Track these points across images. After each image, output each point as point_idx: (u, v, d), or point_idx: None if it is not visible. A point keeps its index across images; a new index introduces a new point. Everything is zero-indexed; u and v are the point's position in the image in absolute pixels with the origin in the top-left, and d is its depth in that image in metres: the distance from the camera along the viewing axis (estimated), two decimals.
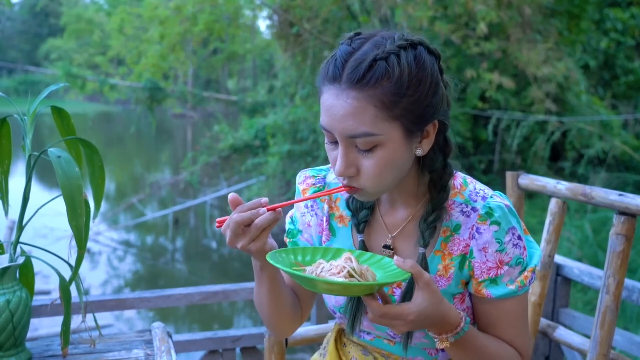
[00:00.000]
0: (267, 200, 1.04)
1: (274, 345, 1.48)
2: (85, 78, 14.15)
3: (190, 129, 22.91)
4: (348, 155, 1.03)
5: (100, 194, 1.33)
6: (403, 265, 0.99)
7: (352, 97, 0.99)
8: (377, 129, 1.00)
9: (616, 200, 1.46)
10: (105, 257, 8.82)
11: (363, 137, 1.00)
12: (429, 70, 1.03)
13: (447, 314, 1.04)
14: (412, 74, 1.00)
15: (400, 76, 0.99)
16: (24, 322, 1.29)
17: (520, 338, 1.16)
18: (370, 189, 1.06)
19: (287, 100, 9.68)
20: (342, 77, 1.00)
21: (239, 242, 1.03)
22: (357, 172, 1.04)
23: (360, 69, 0.99)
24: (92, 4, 32.35)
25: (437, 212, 1.12)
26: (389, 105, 0.99)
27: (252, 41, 16.82)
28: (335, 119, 1.01)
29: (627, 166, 8.77)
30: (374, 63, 0.99)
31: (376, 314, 0.99)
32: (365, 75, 0.98)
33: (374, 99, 0.99)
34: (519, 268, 1.13)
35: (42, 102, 1.33)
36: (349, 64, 1.00)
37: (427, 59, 1.03)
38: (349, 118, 1.00)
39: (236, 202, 1.04)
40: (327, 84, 1.03)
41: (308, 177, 1.28)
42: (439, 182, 1.12)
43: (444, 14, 8.04)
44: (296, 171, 8.54)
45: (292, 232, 1.30)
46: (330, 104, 1.02)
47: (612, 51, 10.13)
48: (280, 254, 1.05)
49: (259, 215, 1.02)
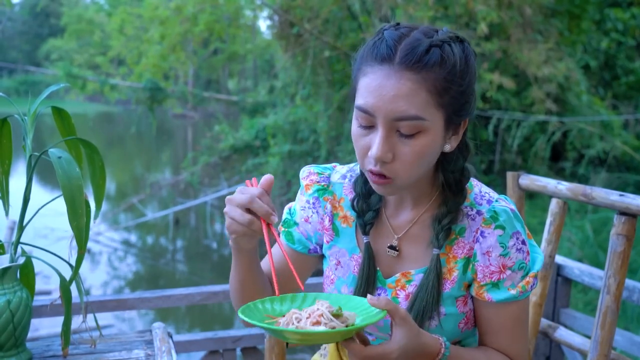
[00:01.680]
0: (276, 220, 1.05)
1: (274, 345, 1.48)
2: (86, 78, 14.16)
3: (191, 129, 22.91)
4: (388, 139, 1.01)
5: (101, 194, 1.33)
6: (377, 303, 0.97)
7: (406, 78, 0.98)
8: (426, 113, 0.99)
9: (617, 200, 1.46)
10: (106, 257, 8.82)
11: (412, 119, 0.99)
12: (472, 66, 1.05)
13: (426, 343, 1.03)
14: (462, 65, 1.02)
15: (453, 65, 1.00)
16: (25, 322, 1.29)
17: (516, 344, 1.16)
18: (402, 178, 1.04)
19: (288, 101, 9.68)
20: (394, 57, 0.99)
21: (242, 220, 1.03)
22: (392, 158, 1.02)
23: (416, 51, 0.98)
24: (93, 4, 32.36)
25: (453, 214, 1.11)
26: (440, 92, 0.99)
27: (253, 41, 16.84)
28: (384, 100, 0.99)
29: (628, 166, 8.77)
30: (429, 48, 0.99)
31: (358, 357, 0.97)
32: (421, 58, 0.98)
33: (427, 83, 0.98)
34: (521, 273, 1.12)
35: (42, 102, 1.33)
36: (403, 46, 0.99)
37: (472, 55, 1.06)
38: (401, 99, 0.98)
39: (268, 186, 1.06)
40: (373, 64, 1.01)
41: (312, 173, 1.26)
42: (454, 185, 1.11)
43: (444, 14, 8.04)
44: (296, 171, 8.53)
45: (288, 222, 1.28)
46: (379, 83, 1.00)
47: (612, 51, 10.13)
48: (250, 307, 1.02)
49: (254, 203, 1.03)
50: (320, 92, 8.42)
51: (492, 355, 1.14)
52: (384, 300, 0.97)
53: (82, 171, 1.24)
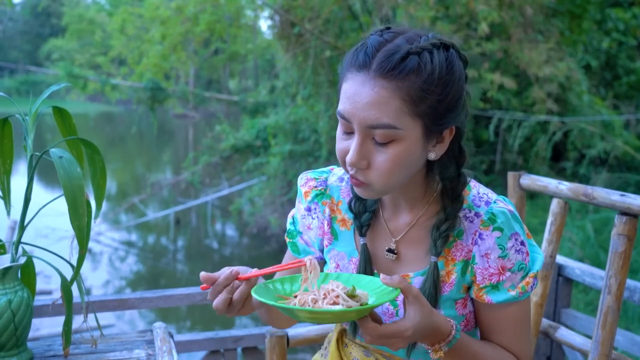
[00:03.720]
0: (238, 270, 1.04)
1: (275, 345, 1.48)
2: (87, 78, 14.16)
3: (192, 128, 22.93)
4: (363, 146, 1.02)
5: (102, 193, 1.33)
6: (390, 282, 0.98)
7: (379, 86, 0.98)
8: (399, 122, 0.99)
9: (618, 200, 1.45)
10: (107, 257, 8.82)
11: (384, 128, 0.99)
12: (457, 73, 1.02)
13: (438, 323, 1.03)
14: (442, 73, 0.99)
15: (430, 73, 0.98)
16: (26, 321, 1.29)
17: (520, 344, 1.15)
18: (377, 185, 1.04)
19: (289, 100, 9.68)
20: (371, 64, 0.99)
21: (229, 314, 1.05)
22: (368, 165, 1.03)
23: (392, 59, 0.98)
24: (94, 4, 32.36)
25: (451, 220, 1.11)
26: (415, 100, 0.98)
27: (254, 41, 16.82)
28: (358, 107, 1.00)
29: (629, 166, 8.77)
30: (406, 55, 0.98)
31: (373, 335, 0.98)
32: (396, 66, 0.97)
33: (401, 91, 0.98)
34: (521, 274, 1.12)
35: (43, 102, 1.33)
36: (381, 53, 0.99)
37: (457, 62, 1.03)
38: (373, 107, 0.98)
39: (209, 280, 1.04)
40: (353, 70, 1.01)
41: (309, 179, 1.27)
42: (451, 191, 1.11)
43: (445, 14, 8.04)
44: (297, 171, 8.54)
45: (291, 232, 1.30)
46: (354, 90, 1.00)
47: (613, 51, 10.12)
48: (262, 287, 1.04)
49: (234, 291, 1.03)
50: (321, 92, 8.42)
51: (499, 350, 1.15)
52: (397, 278, 0.98)
53: (83, 171, 1.24)
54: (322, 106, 8.35)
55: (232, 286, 1.03)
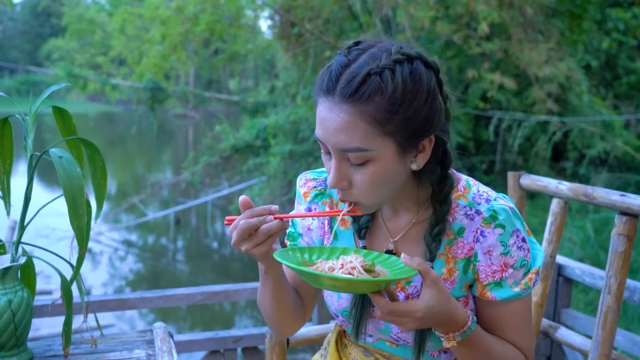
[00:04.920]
0: (277, 208, 1.04)
1: (275, 345, 1.48)
2: (87, 78, 14.17)
3: (192, 128, 22.94)
4: (340, 168, 1.03)
5: (102, 194, 1.33)
6: (410, 262, 0.99)
7: (344, 111, 0.98)
8: (368, 144, 0.99)
9: (618, 200, 1.45)
10: (107, 257, 8.82)
11: (354, 151, 0.99)
12: (424, 85, 1.00)
13: (454, 312, 1.04)
14: (407, 89, 0.97)
15: (393, 92, 0.97)
16: (26, 321, 1.29)
17: (524, 339, 1.16)
18: (365, 201, 1.05)
19: (289, 100, 9.68)
20: (335, 90, 0.99)
21: (244, 245, 1.04)
22: (349, 185, 1.04)
23: (353, 83, 0.97)
24: (94, 4, 32.37)
25: (441, 224, 1.11)
26: (381, 121, 0.98)
27: (254, 41, 16.83)
28: (328, 132, 1.00)
29: (629, 166, 8.77)
30: (367, 77, 0.97)
31: (384, 311, 0.99)
32: (357, 90, 0.96)
33: (365, 115, 0.97)
34: (523, 270, 1.13)
35: (43, 102, 1.33)
36: (343, 77, 0.98)
37: (424, 73, 1.00)
38: (341, 132, 0.99)
39: (246, 205, 1.04)
40: (321, 94, 1.02)
41: (309, 180, 1.27)
42: (439, 195, 1.11)
43: (445, 14, 8.04)
44: (297, 171, 8.54)
45: (292, 234, 1.30)
46: (323, 116, 1.01)
47: (613, 51, 10.12)
48: (287, 251, 1.06)
49: (265, 222, 1.02)
50: None
51: (507, 345, 1.15)
52: (417, 260, 0.99)
53: (83, 171, 1.24)
54: None
55: (264, 218, 1.02)
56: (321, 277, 0.95)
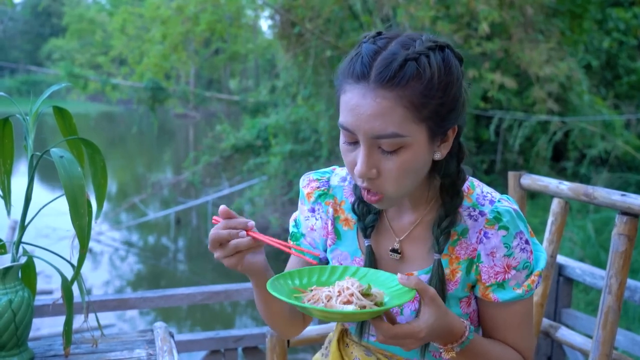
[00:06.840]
0: (253, 224, 1.04)
1: (276, 345, 1.48)
2: (87, 78, 14.17)
3: (192, 128, 22.93)
4: (370, 156, 1.01)
5: (103, 193, 1.33)
6: (407, 282, 0.98)
7: (381, 97, 0.97)
8: (404, 130, 0.98)
9: (618, 200, 1.45)
10: (107, 256, 8.83)
11: (390, 137, 0.98)
12: (455, 73, 1.02)
13: (452, 324, 1.03)
14: (441, 76, 0.99)
15: (430, 78, 0.97)
16: (26, 321, 1.29)
17: (524, 340, 1.16)
18: (391, 192, 1.04)
19: (289, 100, 9.68)
20: (369, 75, 0.98)
21: (215, 252, 1.05)
22: (377, 174, 1.03)
23: (390, 68, 0.96)
24: (94, 3, 32.37)
25: (451, 217, 1.11)
26: (418, 107, 0.98)
27: (254, 41, 16.82)
28: (361, 119, 0.99)
29: (629, 166, 8.77)
30: (404, 63, 0.97)
31: (386, 335, 0.98)
32: (396, 75, 0.96)
33: (403, 100, 0.97)
34: (526, 272, 1.13)
35: (44, 101, 1.33)
36: (377, 62, 0.98)
37: (454, 62, 1.02)
38: (377, 118, 0.98)
39: (225, 215, 1.05)
40: (350, 81, 1.00)
41: (312, 180, 1.27)
42: (451, 187, 1.11)
43: (445, 14, 8.04)
44: (298, 171, 8.54)
45: (295, 235, 1.30)
46: (356, 102, 0.99)
47: (614, 51, 10.12)
48: (279, 280, 1.03)
49: (237, 237, 1.03)
50: (322, 91, 8.43)
51: (505, 348, 1.15)
52: (414, 279, 0.98)
53: (83, 171, 1.24)
54: (323, 106, 8.36)
55: (237, 232, 1.03)
56: (314, 311, 0.95)
